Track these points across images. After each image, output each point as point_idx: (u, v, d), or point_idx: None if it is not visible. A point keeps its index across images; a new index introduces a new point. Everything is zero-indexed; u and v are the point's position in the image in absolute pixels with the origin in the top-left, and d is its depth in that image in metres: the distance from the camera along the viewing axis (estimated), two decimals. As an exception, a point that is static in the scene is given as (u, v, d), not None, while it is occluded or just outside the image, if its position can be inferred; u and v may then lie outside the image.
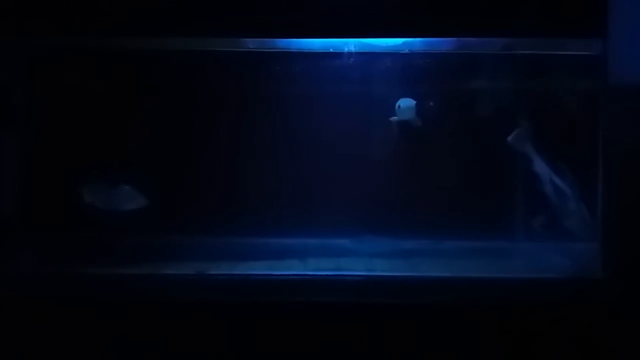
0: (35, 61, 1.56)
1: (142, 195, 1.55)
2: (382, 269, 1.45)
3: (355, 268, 1.44)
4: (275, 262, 1.48)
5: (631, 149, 1.31)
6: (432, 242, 1.56)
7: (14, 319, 1.29)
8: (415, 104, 1.49)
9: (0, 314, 1.28)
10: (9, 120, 1.50)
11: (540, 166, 1.49)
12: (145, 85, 1.63)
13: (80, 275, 1.38)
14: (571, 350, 1.29)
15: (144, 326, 1.30)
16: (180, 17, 1.36)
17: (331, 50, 1.50)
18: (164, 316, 1.30)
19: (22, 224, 1.54)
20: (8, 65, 1.50)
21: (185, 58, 1.56)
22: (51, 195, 1.60)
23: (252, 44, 1.49)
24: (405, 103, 1.50)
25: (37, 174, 1.59)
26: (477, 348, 1.30)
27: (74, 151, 1.62)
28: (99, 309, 1.30)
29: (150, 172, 1.59)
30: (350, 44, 1.48)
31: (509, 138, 1.50)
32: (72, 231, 1.57)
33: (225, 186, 1.65)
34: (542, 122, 1.61)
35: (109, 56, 1.56)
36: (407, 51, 1.48)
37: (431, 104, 1.57)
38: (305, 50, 1.51)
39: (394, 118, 1.52)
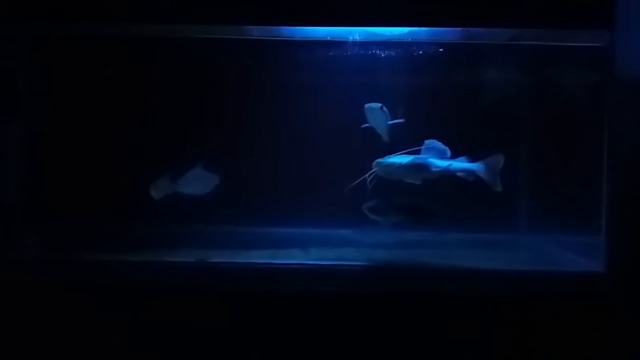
0: (41, 46, 1.57)
1: (216, 176, 1.57)
2: (383, 259, 1.45)
3: (356, 258, 1.44)
4: (277, 250, 1.48)
5: (637, 143, 1.30)
6: (434, 233, 1.56)
7: (18, 303, 1.31)
8: (381, 106, 1.47)
9: (5, 298, 1.30)
10: (13, 106, 1.51)
11: None
12: (147, 71, 1.65)
13: (82, 262, 1.39)
14: (572, 343, 1.28)
15: (146, 312, 1.31)
16: (184, 4, 1.35)
17: (328, 38, 1.49)
18: (166, 303, 1.31)
19: (26, 210, 1.55)
20: (12, 51, 1.51)
21: (189, 45, 1.56)
22: (55, 182, 1.61)
23: (256, 31, 1.48)
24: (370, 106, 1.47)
25: (42, 161, 1.61)
26: (477, 338, 1.30)
27: (78, 138, 1.64)
28: (101, 295, 1.31)
29: (155, 161, 1.60)
30: (355, 33, 1.47)
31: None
32: (76, 218, 1.58)
33: (228, 175, 1.65)
34: (546, 115, 1.61)
35: (113, 42, 1.57)
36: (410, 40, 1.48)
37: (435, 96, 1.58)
38: (309, 39, 1.51)
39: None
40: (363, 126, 1.49)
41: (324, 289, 1.32)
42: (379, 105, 1.45)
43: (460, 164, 1.43)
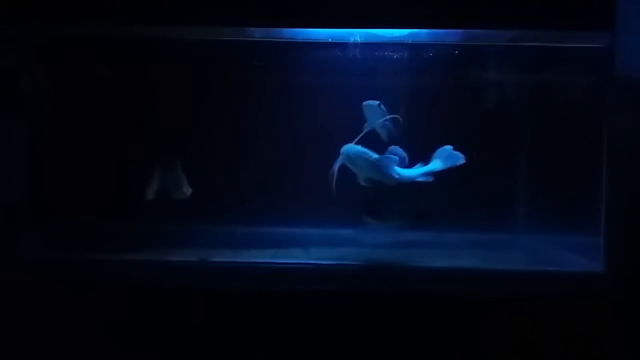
0: (42, 47, 1.58)
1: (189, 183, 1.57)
2: (384, 259, 1.45)
3: (357, 258, 1.44)
4: (278, 250, 1.49)
5: (636, 144, 1.30)
6: (434, 233, 1.56)
7: (20, 302, 1.31)
8: (379, 104, 1.47)
9: (6, 297, 1.31)
10: (16, 107, 1.52)
11: None
12: (149, 73, 1.65)
13: (83, 261, 1.39)
14: (571, 343, 1.29)
15: (147, 311, 1.31)
16: (186, 6, 1.36)
17: (329, 40, 1.50)
18: (167, 302, 1.31)
19: (28, 209, 1.56)
20: (14, 51, 1.52)
21: (189, 46, 1.57)
22: (56, 182, 1.62)
23: (258, 33, 1.49)
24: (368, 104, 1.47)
25: (45, 160, 1.61)
26: (476, 338, 1.30)
27: (80, 138, 1.65)
28: (102, 294, 1.32)
29: (156, 160, 1.61)
30: (356, 34, 1.47)
31: None
32: (78, 218, 1.59)
33: (229, 175, 1.66)
34: (546, 115, 1.61)
35: (114, 43, 1.57)
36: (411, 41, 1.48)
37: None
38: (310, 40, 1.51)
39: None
40: (365, 128, 1.49)
41: (324, 289, 1.32)
42: (377, 102, 1.46)
43: (421, 169, 1.42)
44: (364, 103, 1.46)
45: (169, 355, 1.31)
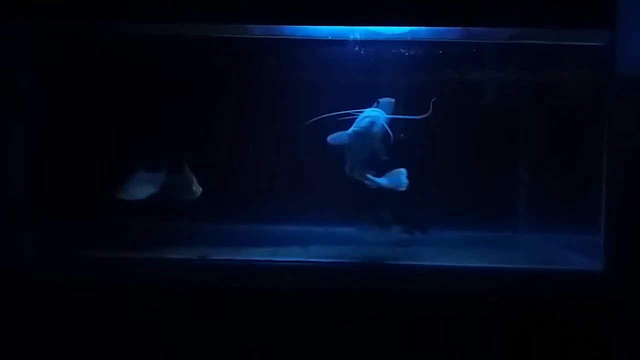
0: (41, 45, 1.58)
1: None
2: (383, 257, 1.45)
3: (357, 256, 1.44)
4: (277, 248, 1.49)
5: (637, 142, 1.30)
6: (435, 231, 1.56)
7: (19, 301, 1.31)
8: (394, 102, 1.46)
9: (6, 295, 1.31)
10: (16, 106, 1.52)
11: None
12: (148, 71, 1.65)
13: (82, 259, 1.40)
14: (571, 342, 1.29)
15: (146, 309, 1.31)
16: (186, 3, 1.35)
17: (329, 38, 1.50)
18: (166, 300, 1.31)
19: (29, 209, 1.56)
20: (13, 50, 1.51)
21: (187, 44, 1.57)
22: (58, 180, 1.62)
23: (257, 30, 1.48)
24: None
25: (45, 160, 1.61)
26: (476, 337, 1.30)
27: (80, 137, 1.65)
28: (102, 292, 1.32)
29: (155, 158, 1.61)
30: (356, 32, 1.47)
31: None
32: (78, 216, 1.59)
33: (228, 173, 1.66)
34: (546, 113, 1.61)
35: (115, 42, 1.57)
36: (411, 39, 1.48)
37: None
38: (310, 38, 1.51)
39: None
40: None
41: (324, 287, 1.33)
42: (392, 100, 1.46)
43: (370, 176, 1.41)
44: (380, 100, 1.46)
45: (169, 353, 1.32)
